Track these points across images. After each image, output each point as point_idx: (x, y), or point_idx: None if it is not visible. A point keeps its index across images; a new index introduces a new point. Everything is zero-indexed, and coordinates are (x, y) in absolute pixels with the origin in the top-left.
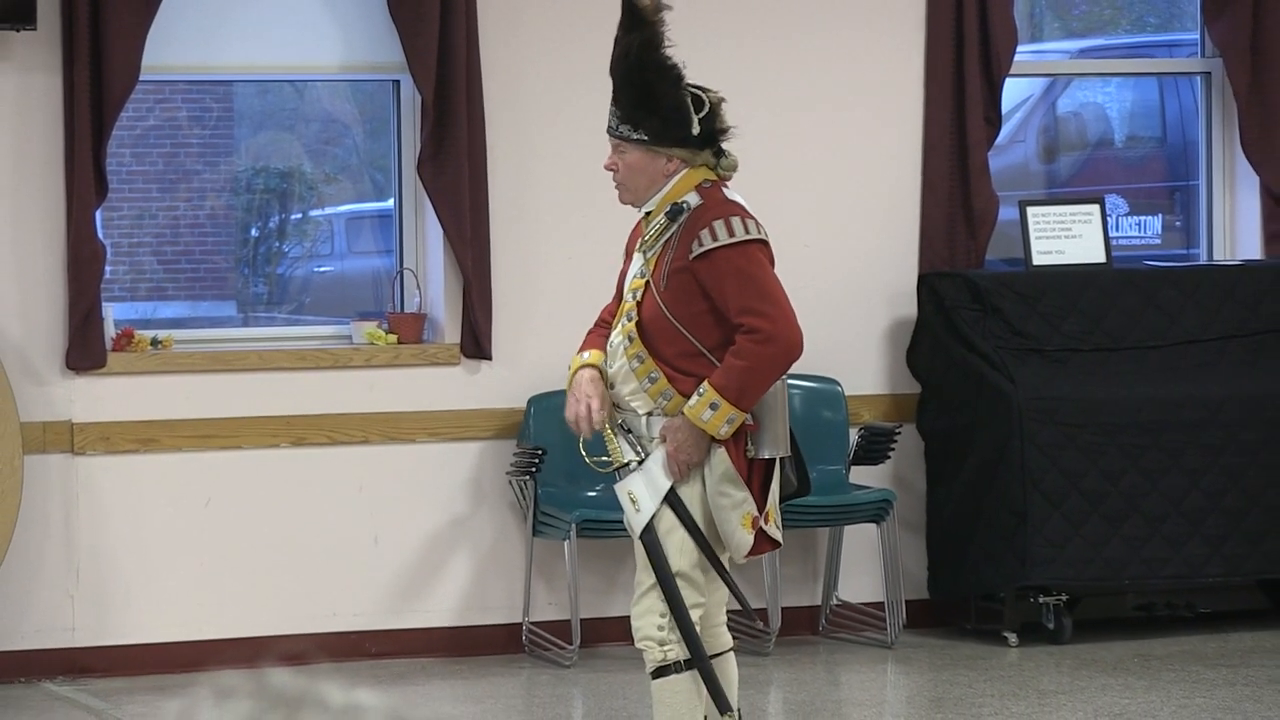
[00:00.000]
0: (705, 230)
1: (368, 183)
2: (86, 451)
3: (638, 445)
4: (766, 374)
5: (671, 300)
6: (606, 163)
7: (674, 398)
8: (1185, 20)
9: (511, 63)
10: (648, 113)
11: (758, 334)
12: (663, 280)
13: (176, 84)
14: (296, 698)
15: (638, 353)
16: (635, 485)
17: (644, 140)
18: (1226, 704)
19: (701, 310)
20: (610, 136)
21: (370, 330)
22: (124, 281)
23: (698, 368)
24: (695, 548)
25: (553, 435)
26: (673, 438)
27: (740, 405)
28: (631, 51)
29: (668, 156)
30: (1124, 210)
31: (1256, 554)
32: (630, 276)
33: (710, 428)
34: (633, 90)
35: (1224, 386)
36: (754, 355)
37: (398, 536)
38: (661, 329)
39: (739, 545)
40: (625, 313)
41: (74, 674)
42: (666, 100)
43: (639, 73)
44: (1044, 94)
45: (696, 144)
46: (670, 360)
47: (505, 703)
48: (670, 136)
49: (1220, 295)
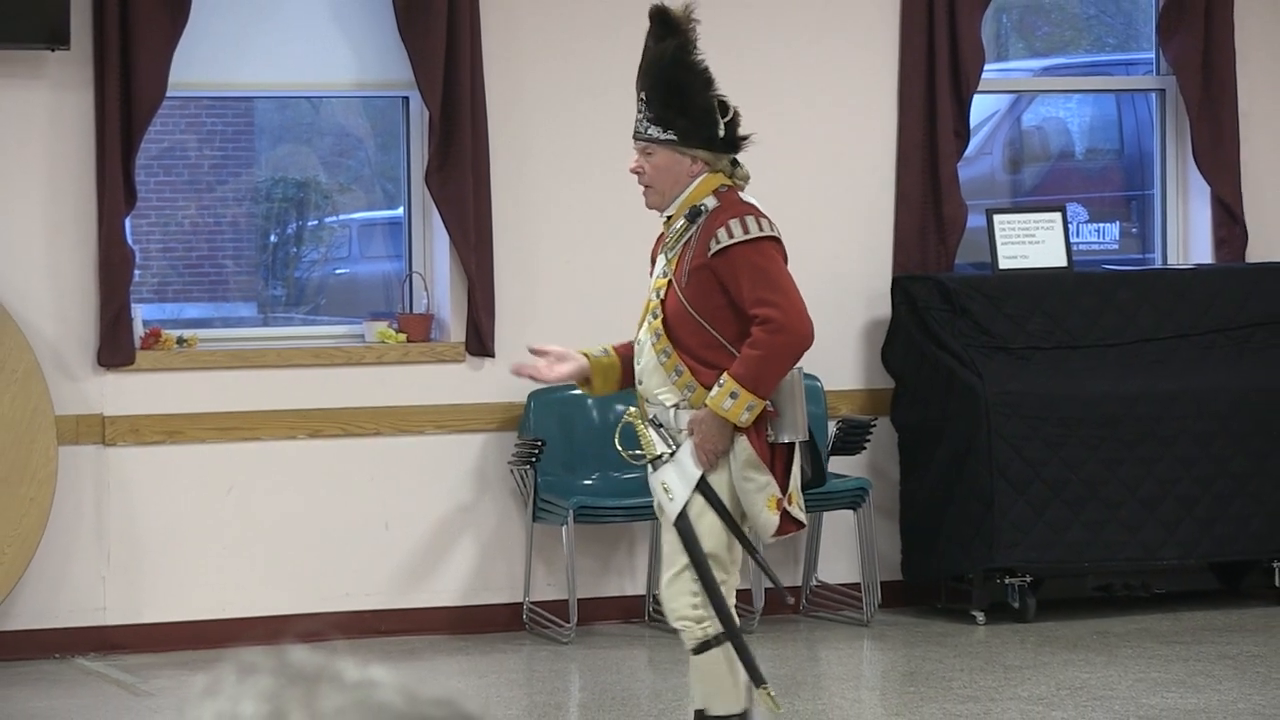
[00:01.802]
0: (722, 229)
1: (379, 192)
2: (117, 443)
3: (668, 438)
4: (780, 362)
5: (693, 295)
6: (632, 166)
7: (698, 389)
8: (1141, 41)
9: (513, 81)
10: (678, 113)
11: (770, 324)
12: (684, 277)
13: (201, 100)
14: (314, 673)
15: (664, 347)
16: (668, 476)
17: (672, 140)
18: (1180, 678)
19: (720, 304)
20: (637, 141)
21: (381, 329)
22: (151, 284)
23: (719, 359)
24: (725, 530)
25: (552, 427)
26: (698, 429)
27: (758, 392)
28: (666, 55)
29: (692, 157)
30: (1084, 218)
31: (1208, 538)
32: (654, 278)
33: (732, 416)
34: (665, 91)
35: (1176, 382)
36: (768, 344)
37: (407, 522)
38: (684, 323)
39: (765, 526)
40: (650, 310)
41: (105, 650)
42: (697, 101)
43: (673, 74)
44: (1009, 109)
45: (719, 147)
46: (694, 352)
47: (507, 677)
48: (697, 137)
49: (1173, 297)
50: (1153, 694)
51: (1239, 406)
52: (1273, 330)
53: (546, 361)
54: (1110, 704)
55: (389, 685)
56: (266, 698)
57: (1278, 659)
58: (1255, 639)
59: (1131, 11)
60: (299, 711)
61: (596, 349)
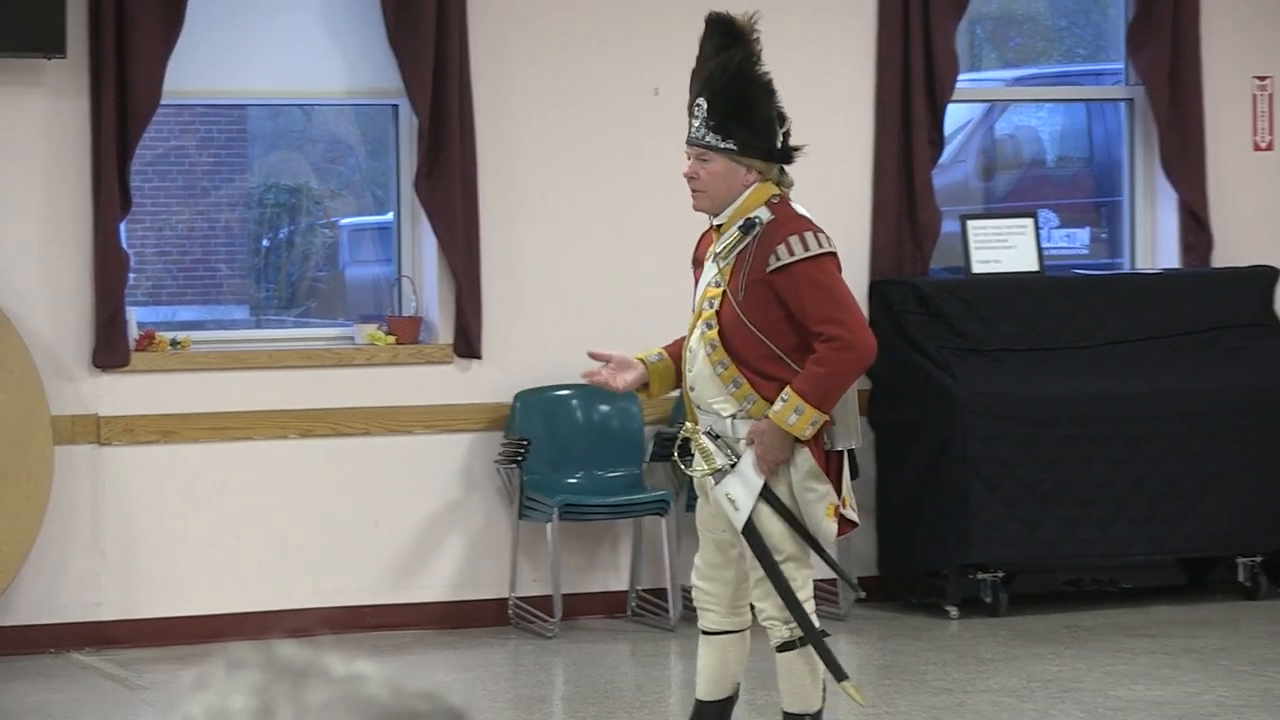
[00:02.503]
0: (782, 245)
1: (369, 198)
2: (112, 442)
3: (726, 449)
4: (846, 378)
5: (750, 309)
6: (686, 170)
7: (758, 401)
8: (1111, 52)
9: (500, 89)
10: (740, 124)
11: (837, 341)
12: (740, 290)
13: (195, 107)
14: (302, 667)
15: (721, 359)
16: (732, 487)
17: (731, 149)
18: (1147, 670)
19: (778, 318)
20: (693, 146)
21: (371, 332)
22: (146, 287)
23: (776, 370)
24: (795, 532)
25: (537, 427)
26: (760, 440)
27: (822, 408)
28: (732, 65)
29: (748, 167)
30: (1055, 223)
31: (1176, 535)
32: (703, 285)
33: (796, 430)
34: (729, 101)
35: (1146, 383)
36: (835, 362)
37: (396, 519)
38: (741, 336)
39: (826, 533)
40: (705, 320)
41: (100, 645)
42: (760, 114)
43: (740, 85)
44: (983, 118)
45: (775, 158)
46: (751, 364)
47: (493, 671)
48: (756, 148)
49: (1142, 301)
50: (1120, 686)
51: (1206, 407)
52: (1239, 332)
53: (609, 370)
54: (1079, 696)
55: (375, 679)
56: (255, 692)
57: (1242, 652)
58: (1220, 633)
59: (1101, 23)
60: (287, 705)
61: (651, 354)
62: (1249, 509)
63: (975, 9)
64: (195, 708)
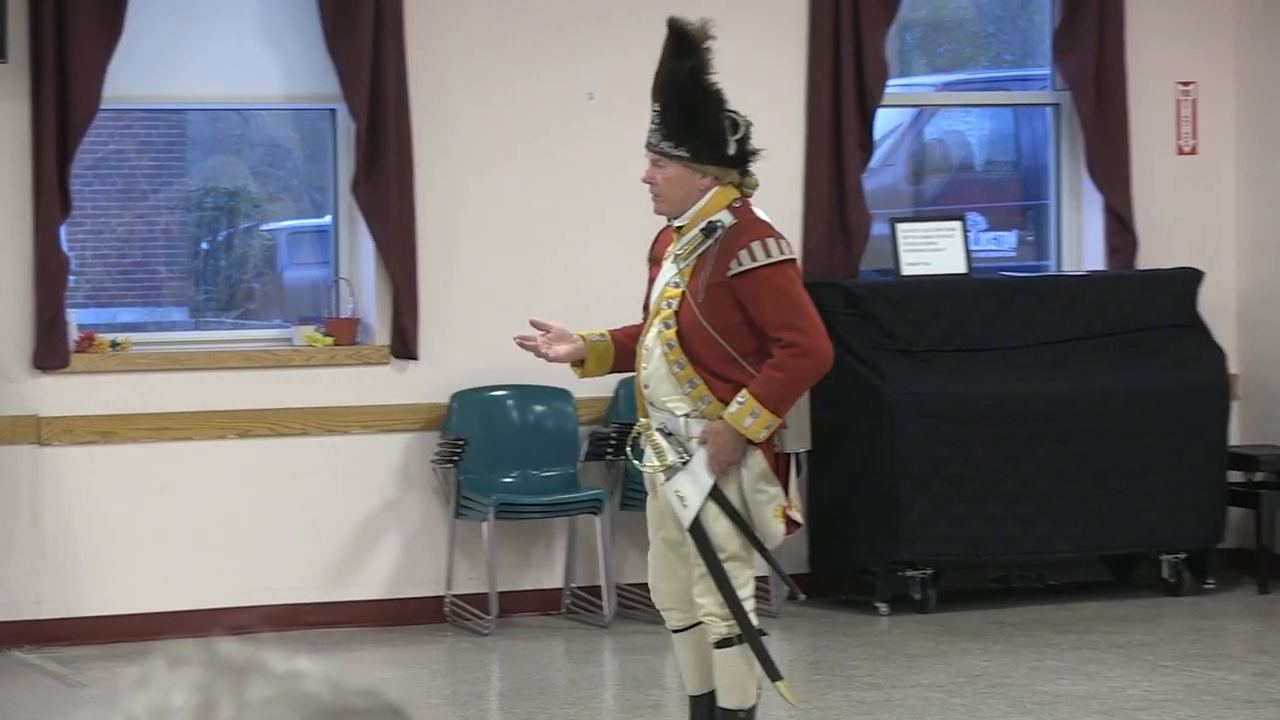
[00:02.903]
0: (744, 250)
1: (307, 201)
2: (52, 443)
3: (679, 447)
4: (802, 383)
5: (709, 312)
6: (644, 175)
7: (712, 402)
8: (1037, 57)
9: (436, 94)
10: (691, 133)
11: (795, 347)
12: (700, 292)
13: (134, 112)
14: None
15: (678, 359)
16: (682, 485)
17: (684, 157)
18: (1073, 665)
19: (737, 321)
20: (650, 152)
21: (309, 333)
22: (86, 289)
23: (732, 372)
24: (740, 533)
25: (473, 427)
26: (713, 441)
27: (778, 412)
28: (681, 75)
29: (703, 173)
30: (983, 226)
31: (1099, 532)
32: (661, 284)
33: (751, 433)
34: (679, 111)
35: (1071, 383)
36: (792, 367)
37: (334, 518)
38: (700, 337)
39: (774, 535)
40: (663, 319)
41: (40, 643)
42: (709, 123)
43: (688, 95)
44: (912, 123)
45: (729, 163)
46: (708, 365)
47: (430, 668)
48: (708, 155)
49: (1068, 302)
50: (1047, 681)
51: (1130, 407)
52: (1162, 333)
53: (545, 339)
54: (1007, 691)
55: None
56: (197, 688)
57: (1166, 648)
58: (1144, 628)
59: (1028, 30)
60: (228, 701)
61: (594, 333)
62: (1172, 507)
63: (905, 15)
64: (137, 705)
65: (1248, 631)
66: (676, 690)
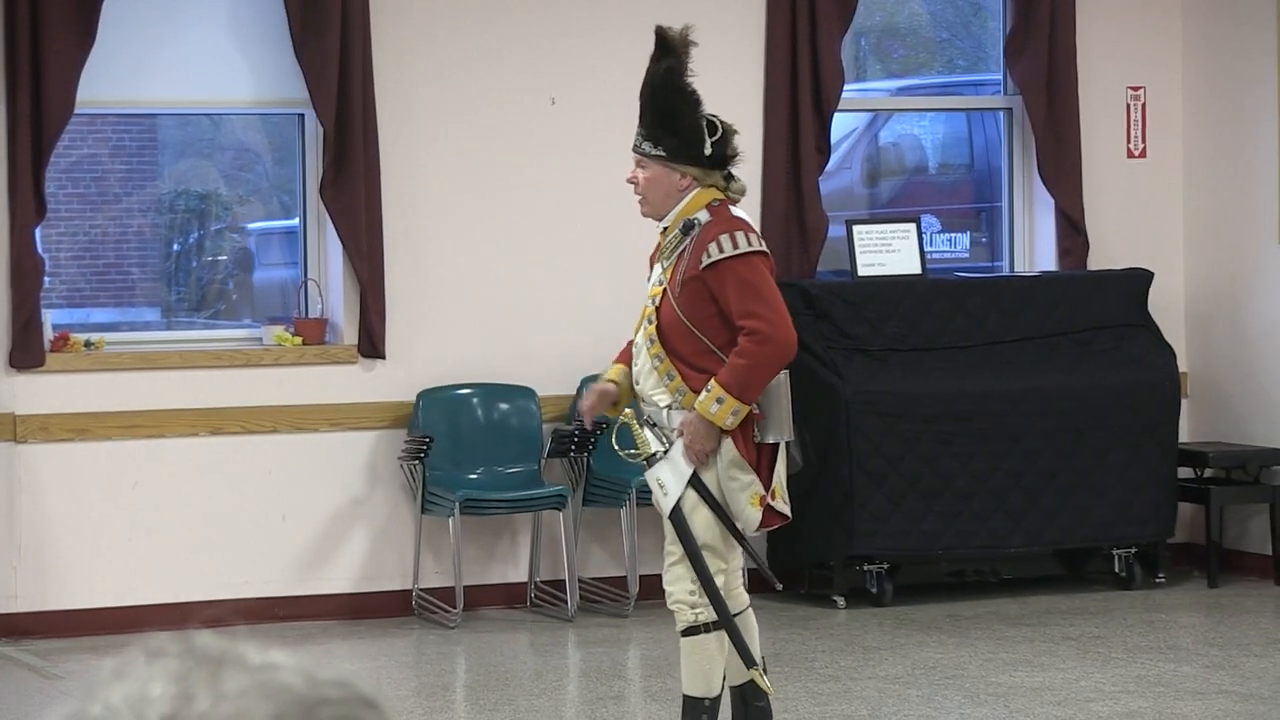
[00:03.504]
0: (713, 243)
1: (276, 203)
2: (28, 440)
3: (662, 437)
4: (765, 370)
5: (685, 305)
6: (629, 176)
7: (688, 394)
8: (990, 63)
9: (403, 99)
10: (667, 132)
11: (757, 335)
12: (677, 287)
13: (107, 116)
14: (218, 656)
15: (658, 353)
16: (662, 472)
17: (661, 156)
18: (1026, 657)
19: (711, 313)
20: (634, 153)
21: (279, 333)
22: (61, 290)
23: (709, 364)
24: (717, 522)
25: (439, 425)
26: (688, 430)
27: (743, 399)
28: (658, 76)
29: (681, 173)
30: (937, 228)
31: (1052, 527)
32: (650, 284)
33: (718, 419)
34: (656, 111)
35: (1023, 381)
36: (753, 354)
37: (303, 514)
38: (677, 330)
39: (749, 521)
40: (646, 317)
41: (16, 636)
42: (685, 122)
43: (663, 96)
44: (867, 127)
45: (708, 164)
46: (686, 358)
47: (398, 659)
48: (685, 155)
49: (1020, 302)
50: (1001, 673)
51: (1081, 404)
52: (1113, 333)
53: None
54: (961, 682)
55: (289, 668)
56: (174, 679)
57: (1117, 640)
58: (1096, 621)
59: (981, 35)
60: (205, 692)
61: (617, 372)
62: (1123, 502)
63: (860, 21)
64: (115, 695)
65: (1197, 624)
66: (639, 681)
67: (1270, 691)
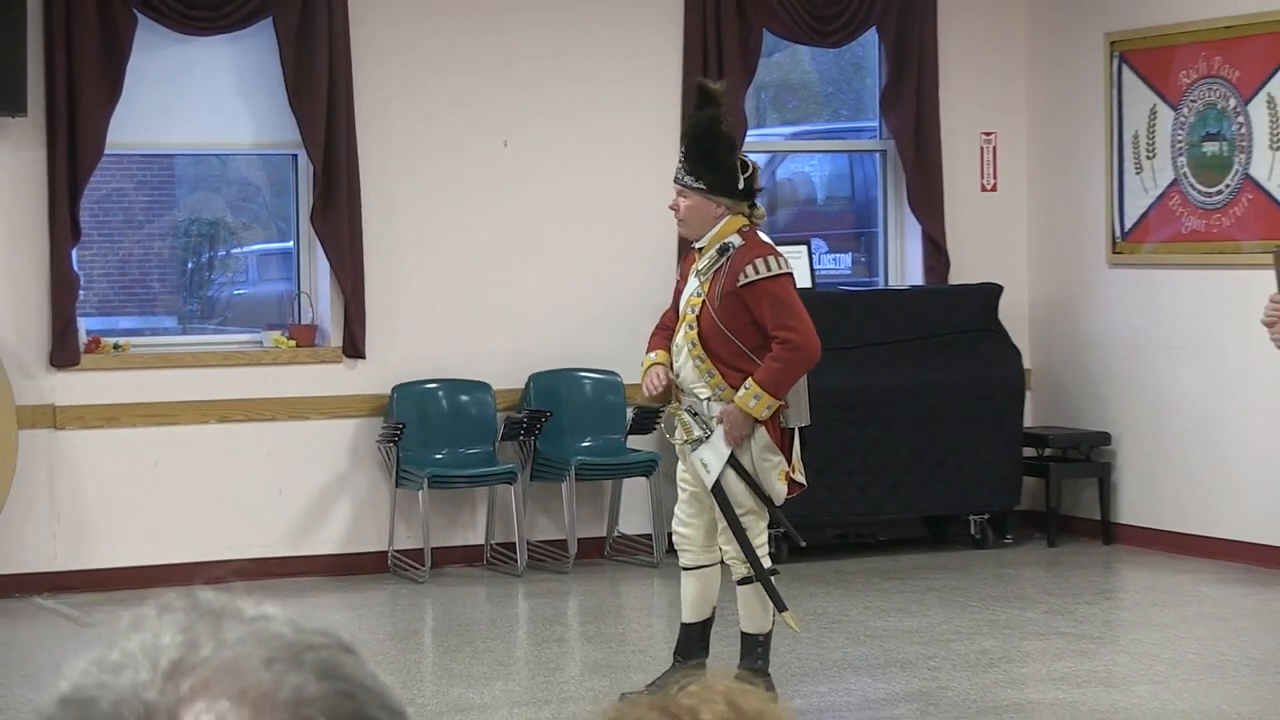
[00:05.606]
0: (750, 265)
1: (274, 229)
2: (66, 427)
3: (702, 424)
4: (796, 372)
5: (724, 316)
6: (670, 203)
7: (727, 388)
8: (868, 112)
9: (380, 142)
10: (707, 169)
11: (789, 343)
12: (716, 300)
13: (133, 156)
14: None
15: (699, 354)
16: (705, 454)
17: (702, 189)
18: (898, 605)
19: (746, 323)
20: (676, 184)
21: (276, 337)
22: (93, 301)
23: (743, 364)
24: (752, 492)
25: (411, 413)
26: (728, 419)
27: (776, 395)
28: (702, 123)
29: (717, 203)
30: (824, 249)
31: (920, 498)
32: (687, 295)
33: (755, 412)
34: (699, 151)
35: (895, 376)
36: (786, 359)
37: (296, 488)
38: (716, 336)
39: (778, 493)
40: (688, 323)
41: (56, 590)
42: (722, 161)
43: (707, 140)
44: (767, 165)
45: (739, 196)
46: (724, 359)
47: (376, 610)
48: (722, 189)
49: (893, 311)
50: (878, 618)
51: (944, 396)
52: (969, 336)
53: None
54: (845, 626)
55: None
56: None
57: (973, 591)
58: (956, 576)
59: (860, 89)
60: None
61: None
62: (978, 477)
63: (761, 77)
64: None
65: (1039, 578)
66: (577, 627)
67: (1099, 633)
